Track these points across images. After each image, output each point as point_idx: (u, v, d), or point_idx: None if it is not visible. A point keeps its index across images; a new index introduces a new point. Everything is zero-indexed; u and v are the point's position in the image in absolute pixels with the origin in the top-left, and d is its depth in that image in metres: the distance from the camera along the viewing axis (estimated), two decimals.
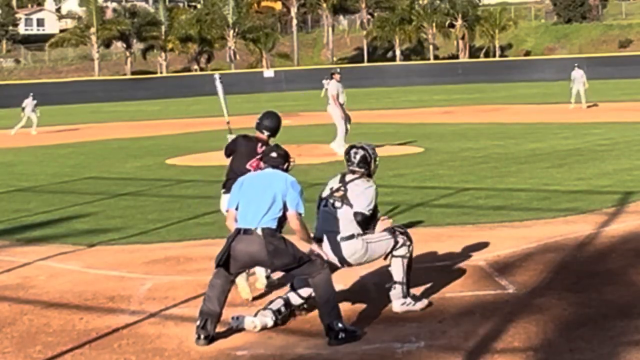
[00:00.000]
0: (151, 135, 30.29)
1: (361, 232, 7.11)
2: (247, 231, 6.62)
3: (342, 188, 7.18)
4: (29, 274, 9.31)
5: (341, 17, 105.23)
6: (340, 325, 6.56)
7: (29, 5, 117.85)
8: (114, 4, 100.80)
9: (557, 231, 10.20)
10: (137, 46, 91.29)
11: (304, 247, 6.90)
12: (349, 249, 7.06)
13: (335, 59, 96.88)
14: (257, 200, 6.69)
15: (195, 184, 16.44)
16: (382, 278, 8.40)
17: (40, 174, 19.49)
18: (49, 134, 33.63)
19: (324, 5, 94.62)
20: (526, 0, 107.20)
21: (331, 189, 7.26)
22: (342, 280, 8.35)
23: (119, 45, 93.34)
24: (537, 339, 6.41)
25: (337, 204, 7.13)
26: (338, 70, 21.64)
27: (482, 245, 9.59)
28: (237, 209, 6.82)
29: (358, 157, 7.25)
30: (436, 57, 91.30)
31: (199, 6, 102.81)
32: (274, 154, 7.02)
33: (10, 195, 16.22)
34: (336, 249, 7.06)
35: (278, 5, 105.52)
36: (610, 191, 13.26)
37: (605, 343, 6.23)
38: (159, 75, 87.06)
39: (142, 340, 6.83)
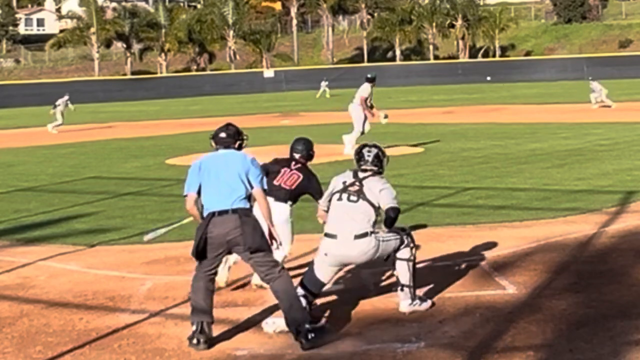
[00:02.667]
0: (151, 135, 30.28)
1: (373, 229, 7.01)
2: (221, 212, 6.51)
3: (358, 183, 7.11)
4: (29, 274, 9.31)
5: (341, 17, 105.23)
6: (307, 326, 6.46)
7: (29, 5, 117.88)
8: (114, 4, 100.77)
9: (557, 231, 10.20)
10: (137, 46, 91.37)
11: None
12: (361, 248, 6.95)
13: (335, 59, 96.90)
14: (223, 182, 6.61)
15: None
16: (382, 278, 8.41)
17: (40, 174, 19.48)
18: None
19: (324, 5, 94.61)
20: (526, 0, 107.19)
21: (344, 182, 7.16)
22: (342, 281, 8.36)
23: (119, 45, 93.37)
24: (537, 339, 6.40)
25: (353, 197, 7.05)
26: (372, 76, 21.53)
27: (482, 245, 9.59)
28: (198, 193, 6.71)
29: (372, 155, 7.24)
30: (436, 57, 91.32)
31: (199, 6, 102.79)
32: (222, 134, 6.90)
33: (10, 195, 16.22)
34: (348, 246, 6.96)
35: (278, 6, 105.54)
36: (610, 191, 13.26)
37: (605, 343, 6.23)
38: (159, 75, 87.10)
39: (142, 340, 6.82)
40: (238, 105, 51.92)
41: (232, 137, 6.88)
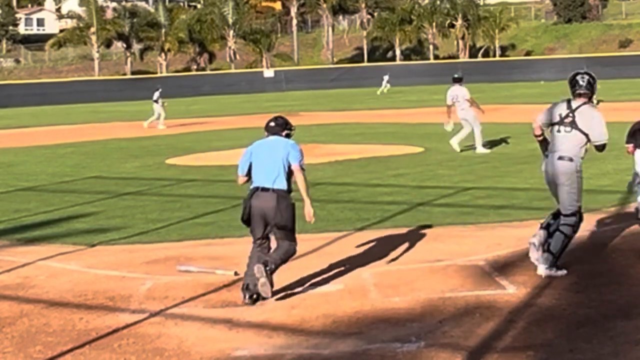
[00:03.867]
0: (151, 135, 30.28)
1: (580, 160, 8.33)
2: (264, 189, 7.75)
3: (571, 115, 8.31)
4: (29, 273, 9.31)
5: (341, 17, 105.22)
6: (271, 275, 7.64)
7: (29, 5, 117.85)
8: (114, 4, 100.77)
9: None
10: (137, 46, 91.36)
11: None
12: (562, 167, 8.25)
13: (335, 59, 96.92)
14: (268, 164, 7.80)
15: (195, 184, 16.45)
16: (382, 278, 8.42)
17: (40, 174, 19.48)
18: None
19: (324, 5, 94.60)
20: (526, 0, 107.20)
21: (560, 115, 8.37)
22: (342, 281, 8.37)
23: (119, 45, 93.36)
24: (537, 339, 6.41)
25: (567, 128, 8.31)
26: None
27: (482, 245, 9.60)
28: (248, 173, 7.96)
29: (585, 81, 8.36)
30: (436, 57, 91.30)
31: (199, 6, 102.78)
32: (272, 124, 8.07)
33: (10, 195, 16.21)
34: (553, 164, 8.30)
35: (278, 6, 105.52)
36: (610, 191, 13.26)
37: (605, 343, 6.23)
38: (159, 75, 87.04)
39: (142, 340, 6.83)
40: (238, 105, 51.91)
41: (281, 127, 8.05)
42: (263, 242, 7.85)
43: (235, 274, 8.69)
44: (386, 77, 61.34)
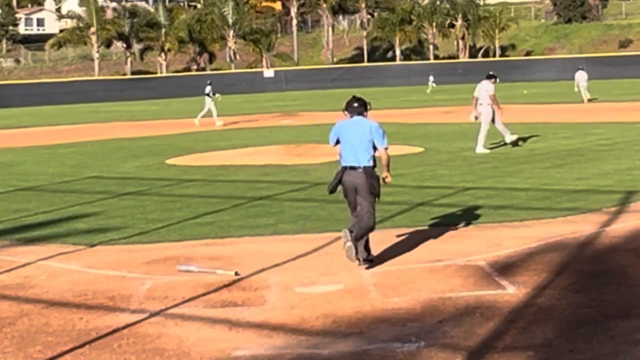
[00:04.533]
0: (151, 135, 30.28)
1: None
2: (352, 167, 8.82)
3: None
4: (29, 273, 9.31)
5: (341, 17, 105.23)
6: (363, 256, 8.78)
7: (29, 5, 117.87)
8: (114, 4, 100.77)
9: (557, 231, 10.20)
10: (137, 46, 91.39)
11: None
12: None
13: (335, 59, 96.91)
14: (356, 144, 8.82)
15: (195, 184, 16.44)
16: (382, 278, 8.42)
17: (40, 174, 19.47)
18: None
19: (324, 5, 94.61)
20: (526, 0, 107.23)
21: None
22: (342, 281, 8.38)
23: (119, 45, 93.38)
24: (537, 339, 6.41)
25: None
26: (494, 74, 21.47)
27: (482, 245, 9.60)
28: (336, 143, 9.03)
29: None
30: (436, 57, 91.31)
31: (199, 6, 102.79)
32: (355, 104, 9.06)
33: (10, 195, 16.20)
34: None
35: (278, 6, 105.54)
36: (610, 191, 13.26)
37: (605, 343, 6.23)
38: (159, 75, 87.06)
39: (142, 340, 6.83)
40: (238, 105, 51.94)
41: (363, 106, 9.07)
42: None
43: (236, 274, 8.69)
44: (432, 78, 61.59)
